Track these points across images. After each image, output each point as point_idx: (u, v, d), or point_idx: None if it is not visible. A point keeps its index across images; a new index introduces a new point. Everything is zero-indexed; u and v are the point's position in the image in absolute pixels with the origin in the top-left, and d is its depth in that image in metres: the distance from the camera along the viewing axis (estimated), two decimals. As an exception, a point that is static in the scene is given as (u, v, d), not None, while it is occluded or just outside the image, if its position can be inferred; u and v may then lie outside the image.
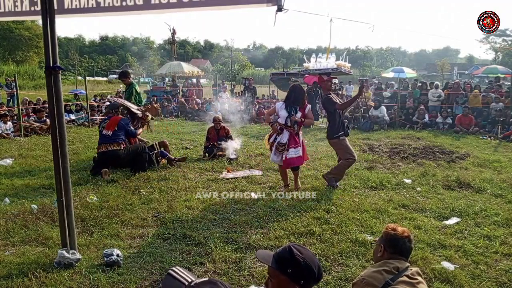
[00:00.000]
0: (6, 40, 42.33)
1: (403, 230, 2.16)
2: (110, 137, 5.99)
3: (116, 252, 3.28)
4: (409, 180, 5.88)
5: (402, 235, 2.12)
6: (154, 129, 8.75)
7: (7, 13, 3.52)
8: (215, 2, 2.91)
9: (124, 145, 6.12)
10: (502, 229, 4.03)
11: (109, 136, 5.99)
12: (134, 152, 6.16)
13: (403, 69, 18.99)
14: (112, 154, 5.96)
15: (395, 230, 2.14)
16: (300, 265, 1.61)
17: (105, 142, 5.99)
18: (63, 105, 3.21)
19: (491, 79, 16.43)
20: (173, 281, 1.20)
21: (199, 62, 54.31)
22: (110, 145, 5.97)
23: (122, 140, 6.08)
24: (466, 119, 11.14)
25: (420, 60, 77.36)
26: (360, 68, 49.97)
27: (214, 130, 7.68)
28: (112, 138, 6.00)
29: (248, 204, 4.74)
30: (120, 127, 6.09)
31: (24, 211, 4.42)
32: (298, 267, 1.61)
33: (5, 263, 3.26)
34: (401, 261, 2.06)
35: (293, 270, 1.61)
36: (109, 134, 6.01)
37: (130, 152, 6.12)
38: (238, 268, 3.21)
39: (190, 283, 1.18)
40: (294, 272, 1.61)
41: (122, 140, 6.08)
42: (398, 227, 2.18)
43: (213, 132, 7.67)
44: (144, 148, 6.31)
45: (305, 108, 5.26)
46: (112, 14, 3.18)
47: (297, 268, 1.61)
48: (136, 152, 6.17)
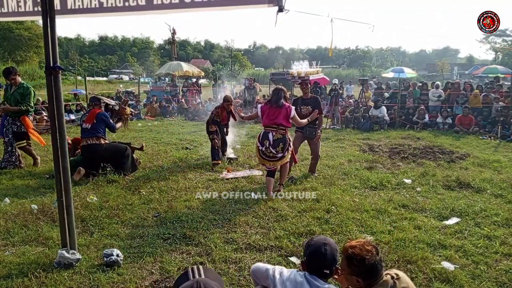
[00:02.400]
0: (6, 40, 42.36)
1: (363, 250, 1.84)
2: (89, 130, 5.81)
3: (116, 252, 3.28)
4: (409, 180, 5.88)
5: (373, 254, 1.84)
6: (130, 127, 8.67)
7: (10, 14, 3.53)
8: (216, 3, 2.91)
9: (104, 140, 5.90)
10: (502, 229, 4.03)
11: (88, 130, 5.82)
12: (115, 150, 5.98)
13: (403, 69, 18.98)
14: (91, 148, 5.78)
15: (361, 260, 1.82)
16: (308, 247, 1.99)
17: (85, 136, 5.83)
18: (63, 105, 3.21)
19: (491, 79, 16.44)
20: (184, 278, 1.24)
21: (199, 62, 54.33)
22: (89, 139, 5.79)
23: (101, 134, 5.87)
24: (466, 119, 11.14)
25: (420, 60, 77.45)
26: (360, 68, 50.00)
27: (225, 111, 7.13)
28: (91, 132, 5.80)
29: (248, 204, 4.74)
30: (98, 120, 5.84)
31: (24, 211, 4.41)
32: (307, 247, 1.99)
33: (5, 263, 3.26)
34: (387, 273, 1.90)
35: (304, 252, 2.04)
36: (88, 127, 5.82)
37: (110, 149, 5.93)
38: (238, 268, 3.21)
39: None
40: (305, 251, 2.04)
41: (101, 134, 5.87)
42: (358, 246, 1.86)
43: (225, 114, 7.14)
44: (127, 150, 6.10)
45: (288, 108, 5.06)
46: (114, 14, 3.19)
47: (306, 248, 2.01)
48: (119, 152, 5.99)
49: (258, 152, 5.13)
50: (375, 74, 38.05)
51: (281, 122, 4.96)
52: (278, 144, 4.97)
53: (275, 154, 5.00)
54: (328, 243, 1.96)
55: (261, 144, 5.04)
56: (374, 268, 1.83)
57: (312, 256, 1.94)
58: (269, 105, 5.09)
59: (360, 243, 1.88)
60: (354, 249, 1.84)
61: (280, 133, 4.98)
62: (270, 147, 4.96)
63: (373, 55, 58.40)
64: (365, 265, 1.81)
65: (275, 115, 4.98)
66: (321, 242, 1.96)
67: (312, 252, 1.95)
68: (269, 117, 5.01)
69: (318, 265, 1.92)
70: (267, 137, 4.99)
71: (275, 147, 4.97)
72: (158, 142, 9.20)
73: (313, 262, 1.93)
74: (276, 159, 5.03)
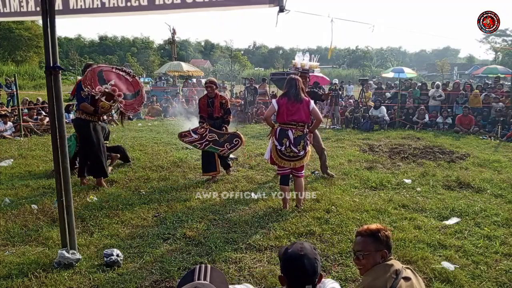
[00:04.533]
0: (6, 40, 42.32)
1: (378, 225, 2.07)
2: (75, 103, 5.27)
3: (116, 252, 3.28)
4: (409, 180, 5.88)
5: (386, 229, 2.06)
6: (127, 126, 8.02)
7: (13, 14, 3.53)
8: (218, 3, 2.92)
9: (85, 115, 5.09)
10: (502, 229, 4.03)
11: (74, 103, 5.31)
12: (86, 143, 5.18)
13: (403, 69, 19.04)
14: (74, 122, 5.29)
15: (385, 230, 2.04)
16: (285, 258, 1.74)
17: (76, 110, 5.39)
18: (63, 105, 3.21)
19: (491, 79, 16.45)
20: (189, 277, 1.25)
21: (199, 62, 54.30)
22: (76, 112, 5.26)
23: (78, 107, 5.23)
24: (466, 119, 11.14)
25: (420, 60, 77.47)
26: (360, 68, 50.00)
27: (206, 100, 5.73)
28: (76, 105, 5.27)
29: (248, 204, 4.74)
30: (77, 89, 5.04)
31: (24, 211, 4.42)
32: (284, 259, 1.74)
33: (5, 263, 3.26)
34: (396, 261, 2.01)
35: (281, 262, 1.76)
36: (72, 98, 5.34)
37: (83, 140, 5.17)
38: (238, 268, 3.21)
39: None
40: (281, 263, 1.76)
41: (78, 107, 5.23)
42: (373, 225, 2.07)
43: (204, 103, 5.74)
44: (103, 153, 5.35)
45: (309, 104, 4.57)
46: (116, 15, 3.20)
47: (283, 260, 1.75)
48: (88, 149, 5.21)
49: (276, 152, 4.58)
50: (375, 74, 38.07)
51: (302, 118, 4.47)
52: (299, 141, 4.49)
53: (297, 153, 4.51)
54: (306, 253, 1.70)
55: (279, 143, 4.53)
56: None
57: (290, 272, 1.71)
58: (286, 98, 4.51)
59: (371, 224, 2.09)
60: (373, 226, 2.04)
61: (300, 130, 4.50)
62: (291, 145, 4.47)
63: (373, 55, 58.42)
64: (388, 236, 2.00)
65: (294, 111, 4.45)
66: (298, 254, 1.70)
67: (290, 268, 1.71)
68: (288, 113, 4.46)
69: (299, 282, 1.70)
70: (286, 135, 4.48)
71: (296, 145, 4.47)
72: (158, 142, 9.20)
73: (293, 280, 1.70)
74: (298, 157, 4.55)
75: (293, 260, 1.70)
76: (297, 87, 4.49)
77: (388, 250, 2.00)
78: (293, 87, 4.50)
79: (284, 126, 4.52)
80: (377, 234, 1.99)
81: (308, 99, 4.57)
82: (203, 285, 1.21)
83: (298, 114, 4.45)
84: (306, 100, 4.51)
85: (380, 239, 1.98)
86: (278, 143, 4.53)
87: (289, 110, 4.46)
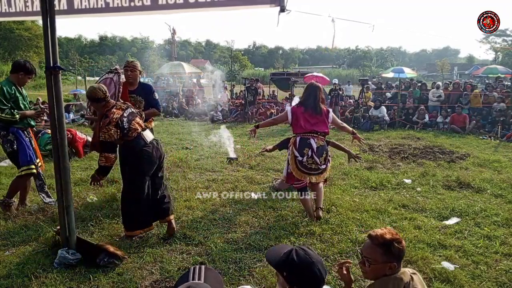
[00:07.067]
0: (6, 40, 42.33)
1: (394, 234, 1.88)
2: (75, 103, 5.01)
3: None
4: (409, 180, 5.88)
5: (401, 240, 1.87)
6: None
7: (18, 13, 3.53)
8: (220, 3, 2.92)
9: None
10: (502, 229, 4.03)
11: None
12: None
13: (403, 69, 19.00)
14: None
15: (400, 241, 1.85)
16: (293, 270, 1.63)
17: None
18: (63, 105, 3.21)
19: (491, 79, 16.44)
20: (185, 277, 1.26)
21: (199, 62, 54.29)
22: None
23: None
24: (459, 117, 11.17)
25: (420, 60, 77.54)
26: (360, 68, 50.01)
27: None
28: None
29: (248, 204, 4.74)
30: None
31: (24, 211, 4.42)
32: (291, 271, 1.63)
33: (5, 263, 3.26)
34: (405, 271, 1.88)
35: (287, 273, 1.64)
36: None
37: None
38: (238, 268, 3.21)
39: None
40: (288, 275, 1.64)
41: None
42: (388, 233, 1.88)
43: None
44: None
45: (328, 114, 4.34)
46: (120, 14, 3.20)
47: (290, 272, 1.63)
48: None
49: (296, 164, 4.20)
50: (375, 74, 38.06)
51: (323, 130, 4.24)
52: (322, 152, 4.19)
53: (319, 166, 4.17)
54: (316, 261, 1.65)
55: (300, 153, 4.15)
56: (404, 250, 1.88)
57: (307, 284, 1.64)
58: (303, 108, 4.24)
59: (385, 229, 1.88)
60: (388, 235, 1.84)
61: (321, 139, 4.23)
62: (314, 155, 4.12)
63: (373, 55, 58.41)
64: (401, 249, 1.83)
65: (313, 122, 4.20)
66: (309, 262, 1.63)
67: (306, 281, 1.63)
68: (308, 123, 4.19)
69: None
70: (309, 145, 4.13)
71: (319, 156, 4.16)
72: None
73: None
74: (319, 171, 4.21)
75: (305, 270, 1.62)
76: (317, 98, 4.22)
77: (398, 262, 1.85)
78: (312, 97, 4.23)
79: (305, 135, 4.19)
80: (390, 247, 1.81)
81: (327, 109, 4.33)
82: (197, 285, 1.22)
83: (318, 125, 4.22)
84: (325, 111, 4.28)
85: (391, 252, 1.82)
86: (298, 154, 4.17)
87: (308, 122, 4.20)
